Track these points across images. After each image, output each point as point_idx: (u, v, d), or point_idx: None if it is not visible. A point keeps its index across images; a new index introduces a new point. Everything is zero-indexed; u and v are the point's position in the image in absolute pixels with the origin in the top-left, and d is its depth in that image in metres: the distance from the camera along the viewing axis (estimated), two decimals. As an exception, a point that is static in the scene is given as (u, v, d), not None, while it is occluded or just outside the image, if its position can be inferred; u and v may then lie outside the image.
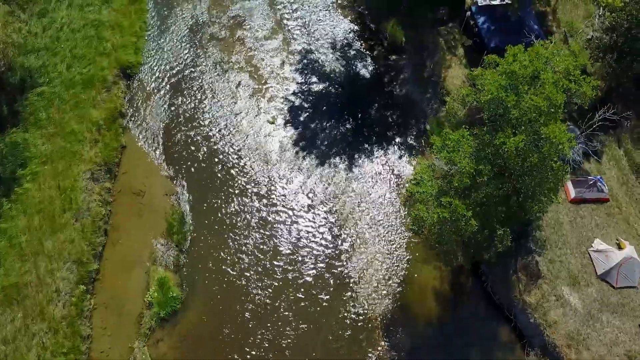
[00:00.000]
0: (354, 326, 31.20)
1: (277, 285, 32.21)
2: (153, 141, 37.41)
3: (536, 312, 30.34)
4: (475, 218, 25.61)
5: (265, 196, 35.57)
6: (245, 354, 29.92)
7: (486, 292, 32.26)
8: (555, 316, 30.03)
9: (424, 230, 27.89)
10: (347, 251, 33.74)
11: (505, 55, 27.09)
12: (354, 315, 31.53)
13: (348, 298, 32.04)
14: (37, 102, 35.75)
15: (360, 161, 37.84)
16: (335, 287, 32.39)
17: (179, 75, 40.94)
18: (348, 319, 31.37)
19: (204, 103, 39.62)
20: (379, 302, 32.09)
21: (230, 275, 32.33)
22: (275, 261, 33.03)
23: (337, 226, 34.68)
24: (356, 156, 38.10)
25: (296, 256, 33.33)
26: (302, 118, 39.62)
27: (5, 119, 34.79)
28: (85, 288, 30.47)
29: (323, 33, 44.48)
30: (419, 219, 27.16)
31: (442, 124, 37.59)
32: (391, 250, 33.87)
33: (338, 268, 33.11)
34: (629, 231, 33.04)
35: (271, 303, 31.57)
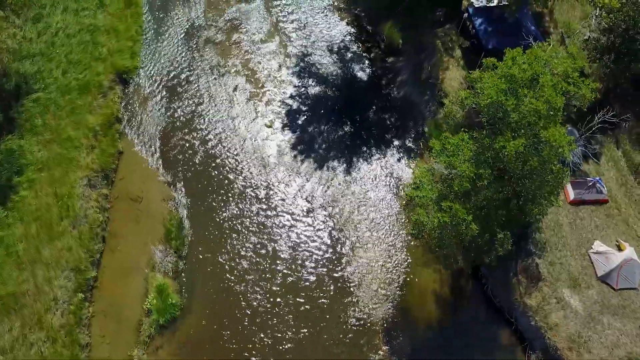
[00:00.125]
0: (355, 330, 31.06)
1: (277, 290, 32.02)
2: (150, 146, 37.18)
3: (537, 315, 30.27)
4: (475, 222, 25.50)
5: (263, 200, 35.39)
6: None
7: (486, 295, 32.18)
8: (556, 319, 29.97)
9: (424, 234, 27.75)
10: (347, 255, 33.58)
11: (504, 58, 26.98)
12: (355, 319, 31.39)
13: (348, 302, 31.88)
14: (33, 109, 35.38)
15: (358, 164, 37.70)
16: (335, 291, 32.23)
17: (176, 79, 40.69)
18: (349, 324, 31.22)
19: (201, 107, 39.38)
20: (380, 306, 31.96)
21: (229, 280, 32.14)
22: (274, 266, 32.85)
23: (337, 229, 34.54)
24: (354, 159, 37.97)
25: (296, 260, 33.14)
26: (300, 121, 39.46)
27: (0, 126, 34.48)
28: (83, 296, 30.20)
29: (320, 36, 44.32)
30: (419, 224, 27.03)
31: (441, 126, 37.48)
32: (391, 253, 33.74)
33: (338, 272, 32.97)
34: (629, 232, 33.03)
35: (271, 308, 31.38)
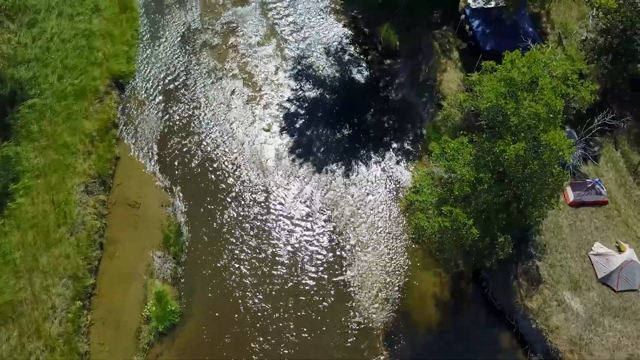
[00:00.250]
0: (356, 335, 30.89)
1: (277, 294, 31.83)
2: (147, 151, 36.93)
3: (538, 318, 30.17)
4: (476, 226, 25.39)
5: (262, 205, 35.19)
6: (245, 365, 29.57)
7: (487, 298, 32.06)
8: (557, 321, 29.88)
9: (425, 239, 27.62)
10: (347, 258, 33.40)
11: (502, 61, 26.86)
12: (356, 324, 31.24)
13: (349, 306, 31.72)
14: (29, 115, 35.07)
15: (357, 167, 37.56)
16: (336, 296, 32.05)
17: (172, 83, 40.45)
18: (350, 328, 31.06)
19: (198, 111, 39.17)
20: (380, 310, 31.79)
21: (229, 286, 31.92)
22: (274, 270, 32.66)
23: (336, 233, 34.38)
24: (353, 162, 37.83)
25: (296, 264, 32.95)
26: (298, 125, 39.29)
27: (-4, 132, 34.27)
28: (81, 304, 29.88)
29: (317, 38, 44.17)
30: (420, 228, 26.90)
31: (439, 129, 37.41)
32: (391, 256, 33.61)
33: (338, 275, 32.79)
34: (628, 233, 32.98)
35: (271, 313, 31.15)
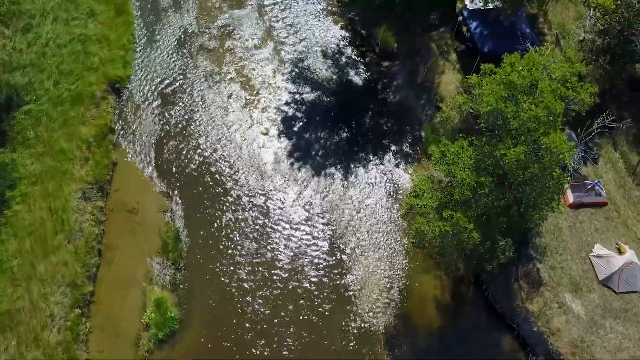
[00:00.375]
0: (357, 339, 30.72)
1: (277, 299, 31.63)
2: (145, 157, 36.69)
3: (539, 320, 30.06)
4: (476, 230, 25.28)
5: (261, 209, 35.00)
6: (245, 370, 29.38)
7: (488, 301, 31.97)
8: (558, 324, 29.79)
9: (426, 243, 27.49)
10: (347, 261, 33.27)
11: (501, 64, 26.73)
12: (356, 328, 31.08)
13: (350, 310, 31.56)
14: (25, 121, 34.77)
15: (356, 170, 37.43)
16: (336, 299, 31.89)
17: (169, 88, 40.22)
18: (350, 332, 30.91)
19: (196, 116, 38.96)
20: (381, 314, 31.65)
21: (228, 291, 31.69)
22: (274, 276, 32.46)
23: (336, 236, 34.22)
24: (352, 165, 37.69)
25: (295, 269, 32.75)
26: (296, 128, 39.13)
27: (-9, 139, 33.99)
28: (80, 311, 29.57)
29: (314, 40, 44.03)
30: (420, 233, 26.77)
31: (437, 131, 37.27)
32: (391, 259, 33.49)
33: (338, 279, 32.64)
34: (628, 234, 32.94)
35: (271, 317, 30.95)
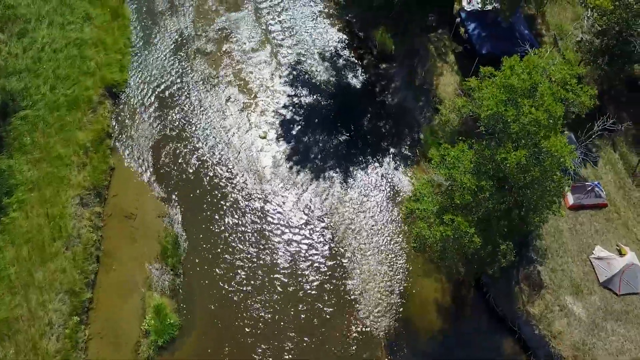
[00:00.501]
0: (358, 343, 30.57)
1: (277, 303, 31.44)
2: (142, 161, 36.44)
3: (540, 323, 29.98)
4: (477, 234, 25.15)
5: (260, 213, 34.81)
6: (246, 374, 29.22)
7: (489, 304, 31.87)
8: (560, 326, 29.72)
9: (427, 248, 27.35)
10: (347, 265, 33.09)
11: (501, 67, 26.61)
12: (357, 332, 30.94)
13: (351, 314, 31.35)
14: (21, 127, 34.47)
15: (355, 173, 37.26)
16: (337, 303, 31.72)
17: (167, 92, 39.96)
18: (351, 336, 30.74)
19: (194, 120, 38.72)
20: (382, 316, 31.54)
21: (228, 296, 31.49)
22: (274, 280, 32.29)
23: (336, 240, 34.06)
24: (351, 168, 37.53)
25: (295, 273, 32.57)
26: (294, 131, 38.93)
27: (-12, 146, 33.69)
28: (79, 319, 29.35)
29: (311, 43, 43.83)
30: (421, 237, 26.63)
31: (436, 133, 37.20)
32: (392, 262, 33.35)
33: (339, 283, 32.48)
34: (629, 236, 32.89)
35: (271, 321, 30.77)
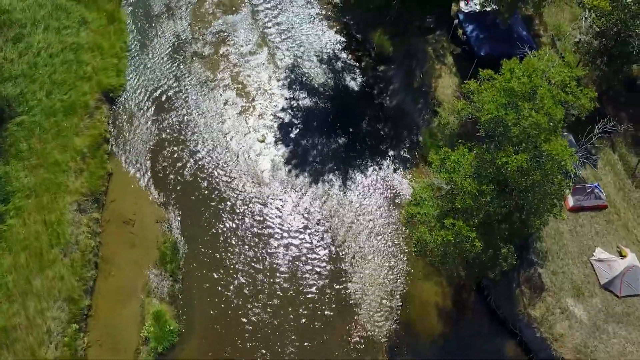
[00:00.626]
0: (359, 347, 30.45)
1: (277, 307, 31.28)
2: (140, 166, 36.21)
3: (542, 326, 29.87)
4: (479, 238, 25.04)
5: (259, 217, 34.62)
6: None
7: (490, 307, 31.79)
8: (561, 329, 29.62)
9: (428, 252, 27.23)
10: (348, 269, 32.96)
11: (500, 70, 26.49)
12: (358, 336, 30.80)
13: (351, 318, 31.28)
14: (17, 133, 34.18)
15: (354, 176, 37.14)
16: (337, 307, 31.58)
17: (164, 96, 39.75)
18: (352, 341, 30.62)
19: (191, 124, 38.50)
20: (383, 321, 31.40)
21: (228, 302, 31.33)
22: (274, 284, 32.13)
23: (336, 244, 33.90)
24: (350, 171, 37.39)
25: (295, 277, 32.42)
26: (293, 135, 38.78)
27: (-16, 152, 33.41)
28: (77, 326, 29.12)
29: (309, 45, 43.67)
30: (422, 241, 26.50)
31: (435, 135, 37.09)
32: (392, 265, 33.25)
33: (339, 287, 32.35)
34: (629, 237, 32.82)
35: (271, 325, 30.62)
